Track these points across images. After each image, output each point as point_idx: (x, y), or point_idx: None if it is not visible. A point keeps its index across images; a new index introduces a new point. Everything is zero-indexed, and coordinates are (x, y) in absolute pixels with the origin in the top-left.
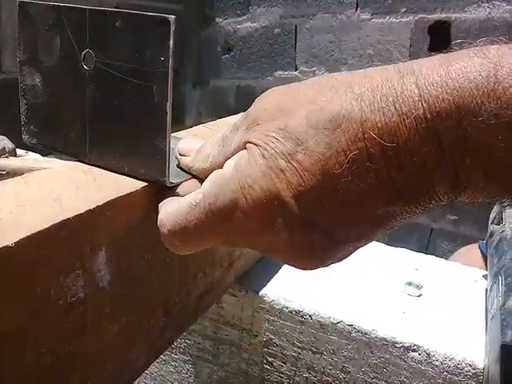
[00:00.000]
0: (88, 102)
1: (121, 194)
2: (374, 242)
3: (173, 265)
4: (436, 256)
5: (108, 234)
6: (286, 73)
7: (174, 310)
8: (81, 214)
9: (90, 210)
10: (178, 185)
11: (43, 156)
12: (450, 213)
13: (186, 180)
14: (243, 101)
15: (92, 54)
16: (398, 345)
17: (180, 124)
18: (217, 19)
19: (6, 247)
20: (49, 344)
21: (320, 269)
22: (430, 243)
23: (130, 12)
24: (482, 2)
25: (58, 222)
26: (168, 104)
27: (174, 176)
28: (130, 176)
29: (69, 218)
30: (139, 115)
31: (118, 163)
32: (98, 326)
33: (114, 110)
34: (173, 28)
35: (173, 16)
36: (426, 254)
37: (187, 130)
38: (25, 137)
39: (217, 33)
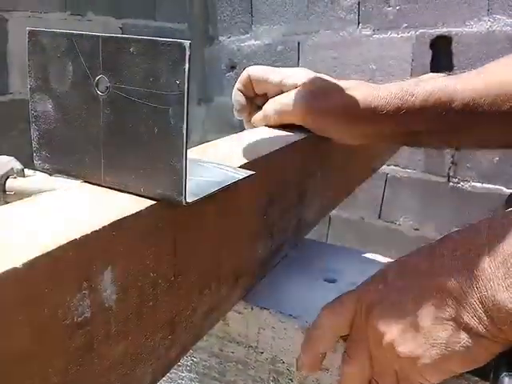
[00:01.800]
0: (102, 127)
1: (126, 214)
2: (378, 255)
3: (178, 283)
4: None
5: (114, 254)
6: None
7: (180, 328)
8: (87, 235)
9: (96, 230)
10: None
11: (51, 176)
12: (456, 226)
13: (202, 199)
14: None
15: (106, 79)
16: None
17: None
18: (220, 38)
19: (15, 269)
20: (56, 364)
21: (324, 283)
22: None
23: (144, 38)
24: (483, 16)
25: (65, 243)
26: (184, 126)
27: (190, 195)
28: (145, 197)
29: (75, 239)
30: (155, 137)
31: (134, 184)
32: (104, 345)
33: (130, 133)
34: (188, 53)
35: (188, 41)
36: None
37: (192, 149)
38: (37, 162)
39: (220, 51)
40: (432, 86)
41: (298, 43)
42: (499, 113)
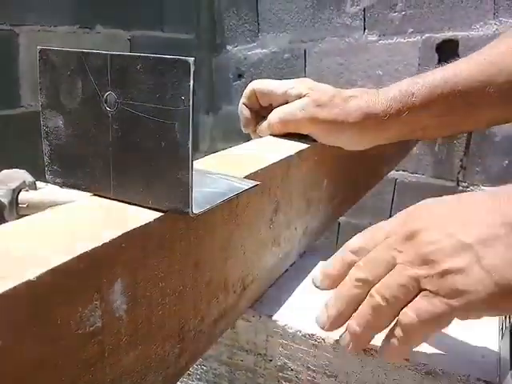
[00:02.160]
0: (111, 141)
1: (135, 226)
2: None
3: (186, 292)
4: None
5: (123, 265)
6: None
7: (189, 337)
8: (98, 247)
9: (106, 242)
10: (200, 214)
11: (62, 188)
12: None
13: (209, 209)
14: None
15: (114, 95)
16: (411, 367)
17: (194, 150)
18: (227, 47)
19: (29, 281)
20: (69, 373)
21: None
22: None
23: (150, 56)
24: (489, 19)
25: (76, 255)
26: (190, 140)
27: (197, 207)
28: (153, 209)
29: (86, 252)
30: (162, 151)
31: (143, 197)
32: (115, 354)
33: (138, 148)
34: (192, 69)
35: (192, 58)
36: None
37: (198, 161)
38: (49, 176)
39: (228, 60)
40: (430, 80)
41: (305, 50)
42: (498, 89)
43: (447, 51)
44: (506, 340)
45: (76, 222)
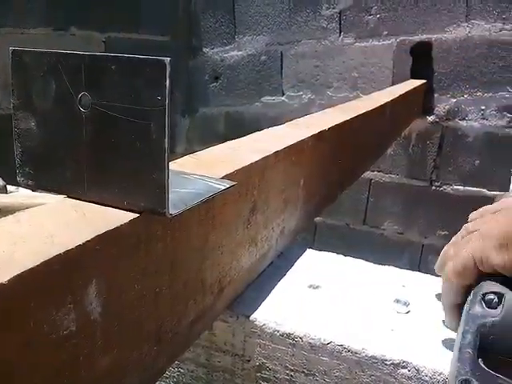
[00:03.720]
0: (85, 142)
1: (109, 228)
2: (360, 260)
3: (163, 294)
4: (429, 272)
5: (98, 268)
6: (273, 98)
7: (166, 339)
8: (71, 250)
9: (80, 245)
10: (177, 215)
11: (33, 191)
12: (440, 228)
13: (185, 211)
14: (232, 127)
15: (88, 96)
16: (387, 362)
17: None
18: (204, 49)
19: (0, 284)
20: (43, 377)
21: (309, 289)
22: (421, 259)
23: (125, 56)
24: (462, 22)
25: (49, 258)
26: (166, 140)
27: (173, 207)
28: (129, 210)
29: (60, 254)
30: (137, 152)
31: (118, 198)
32: (90, 358)
33: (112, 149)
34: (169, 69)
35: (168, 58)
36: (418, 270)
37: (175, 162)
38: (20, 179)
39: (204, 62)
40: None
41: (281, 53)
42: None
43: (421, 54)
44: (460, 328)
45: (49, 224)
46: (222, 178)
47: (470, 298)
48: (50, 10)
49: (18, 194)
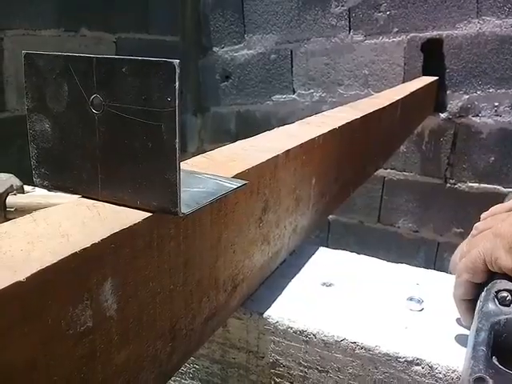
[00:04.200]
0: (98, 144)
1: (124, 227)
2: (374, 258)
3: (177, 291)
4: (445, 270)
5: (113, 265)
6: (284, 96)
7: (181, 335)
8: (87, 248)
9: (95, 243)
10: (189, 214)
11: (50, 191)
12: (455, 226)
13: (197, 210)
14: (243, 126)
15: (100, 98)
16: (401, 359)
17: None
18: (214, 48)
19: (19, 282)
20: (61, 372)
21: (322, 287)
22: (437, 257)
23: (135, 58)
24: (472, 18)
25: (65, 256)
26: (177, 140)
27: (185, 206)
28: (142, 209)
29: (76, 252)
30: (149, 152)
31: (131, 198)
32: (107, 354)
33: (125, 149)
34: (178, 71)
35: (177, 60)
36: (434, 268)
37: (186, 161)
38: (36, 180)
39: (214, 61)
40: None
41: (291, 51)
42: None
43: (432, 50)
44: (473, 325)
45: (65, 223)
46: (234, 177)
47: (482, 294)
48: (60, 12)
49: (35, 194)
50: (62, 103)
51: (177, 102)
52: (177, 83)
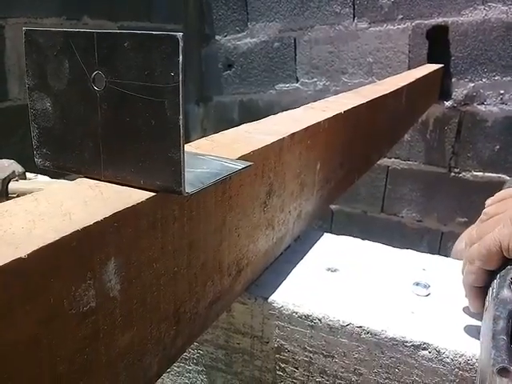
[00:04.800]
0: (100, 122)
1: (127, 206)
2: (379, 244)
3: (181, 274)
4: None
5: (116, 245)
6: (287, 85)
7: (185, 319)
8: (89, 226)
9: (98, 221)
10: (193, 195)
11: (52, 178)
12: (459, 215)
13: (201, 190)
14: (246, 115)
15: (102, 75)
16: (408, 344)
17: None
18: (216, 37)
19: (20, 259)
20: (64, 352)
21: (327, 272)
22: (441, 247)
23: (137, 32)
24: (478, 5)
25: (67, 233)
26: (180, 117)
27: (189, 186)
28: (146, 189)
29: (78, 230)
30: (153, 130)
31: (134, 177)
32: (110, 335)
33: (128, 127)
34: (181, 44)
35: (181, 33)
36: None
37: (190, 144)
38: (37, 160)
39: (217, 50)
40: None
41: (295, 39)
42: None
43: (437, 37)
44: (488, 313)
45: (67, 202)
46: (238, 159)
47: (496, 281)
48: (62, 0)
49: (37, 181)
50: (63, 81)
51: (181, 76)
52: (180, 57)
